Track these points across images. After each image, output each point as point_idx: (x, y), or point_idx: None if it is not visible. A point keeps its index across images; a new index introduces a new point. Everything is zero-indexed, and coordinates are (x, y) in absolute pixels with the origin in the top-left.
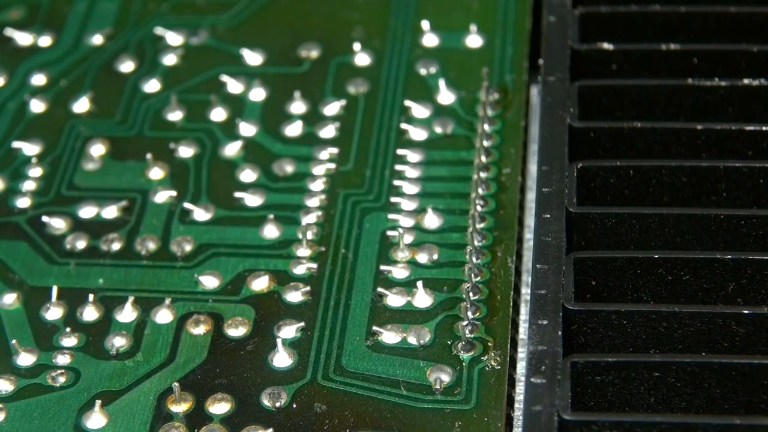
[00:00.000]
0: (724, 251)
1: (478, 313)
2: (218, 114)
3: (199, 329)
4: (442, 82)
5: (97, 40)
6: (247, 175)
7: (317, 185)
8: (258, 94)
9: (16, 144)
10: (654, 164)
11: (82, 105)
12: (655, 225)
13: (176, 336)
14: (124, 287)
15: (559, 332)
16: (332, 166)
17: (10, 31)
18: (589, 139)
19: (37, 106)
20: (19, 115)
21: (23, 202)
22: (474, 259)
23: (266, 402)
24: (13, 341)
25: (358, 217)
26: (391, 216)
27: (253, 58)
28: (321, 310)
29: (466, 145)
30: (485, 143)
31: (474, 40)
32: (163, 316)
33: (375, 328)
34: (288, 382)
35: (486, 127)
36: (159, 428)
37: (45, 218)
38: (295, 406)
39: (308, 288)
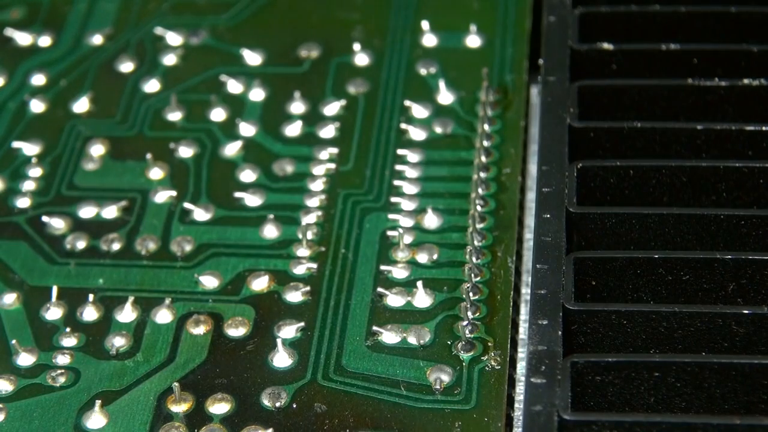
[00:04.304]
0: (724, 251)
1: (478, 313)
2: (218, 114)
3: (199, 329)
4: (442, 82)
5: (97, 40)
6: (247, 175)
7: (317, 185)
8: (258, 94)
9: (16, 144)
10: (654, 164)
11: (82, 105)
12: (655, 225)
13: (176, 336)
14: (124, 287)
15: (559, 332)
16: (332, 166)
17: (10, 31)
18: (589, 139)
19: (37, 106)
20: (19, 115)
21: (23, 202)
22: (474, 259)
23: (266, 402)
24: (13, 341)
25: (358, 217)
26: (391, 216)
27: (253, 58)
28: (321, 310)
29: (466, 145)
30: (485, 143)
31: (474, 40)
32: (163, 316)
33: (375, 328)
34: (288, 382)
35: (486, 127)
36: (159, 428)
37: (45, 218)
38: (295, 406)
39: (308, 288)
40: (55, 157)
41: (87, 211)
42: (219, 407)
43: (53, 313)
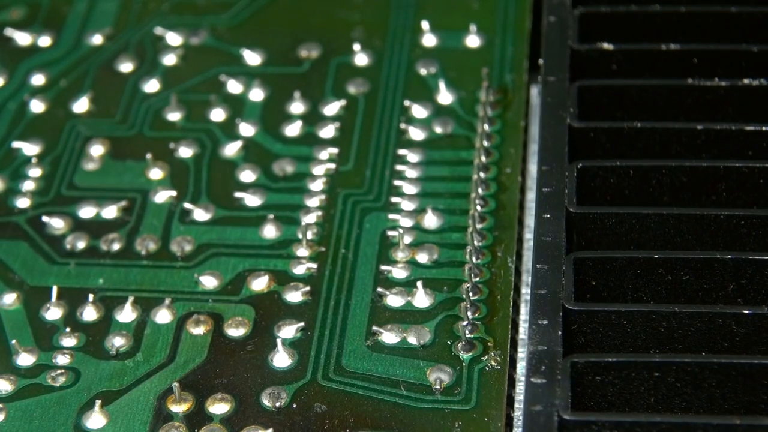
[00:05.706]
0: (724, 251)
1: (478, 313)
2: (218, 114)
3: (199, 329)
4: (442, 82)
5: (97, 40)
6: (247, 175)
7: (317, 185)
8: (258, 94)
9: (16, 144)
10: (654, 164)
11: (82, 105)
12: (655, 225)
13: (176, 336)
14: (124, 287)
15: (559, 332)
16: (332, 166)
17: (10, 31)
18: (589, 139)
19: (37, 106)
20: (19, 115)
21: (23, 202)
22: (474, 259)
23: (266, 402)
24: (13, 341)
25: (358, 217)
26: (391, 216)
27: (253, 58)
28: (321, 310)
29: (466, 145)
30: (485, 143)
31: (474, 40)
32: (163, 316)
33: (375, 328)
34: (288, 382)
35: (486, 127)
36: (159, 428)
37: (45, 218)
38: (295, 406)
39: (308, 288)
40: (55, 157)
41: (87, 211)
42: (219, 407)
43: (53, 313)
